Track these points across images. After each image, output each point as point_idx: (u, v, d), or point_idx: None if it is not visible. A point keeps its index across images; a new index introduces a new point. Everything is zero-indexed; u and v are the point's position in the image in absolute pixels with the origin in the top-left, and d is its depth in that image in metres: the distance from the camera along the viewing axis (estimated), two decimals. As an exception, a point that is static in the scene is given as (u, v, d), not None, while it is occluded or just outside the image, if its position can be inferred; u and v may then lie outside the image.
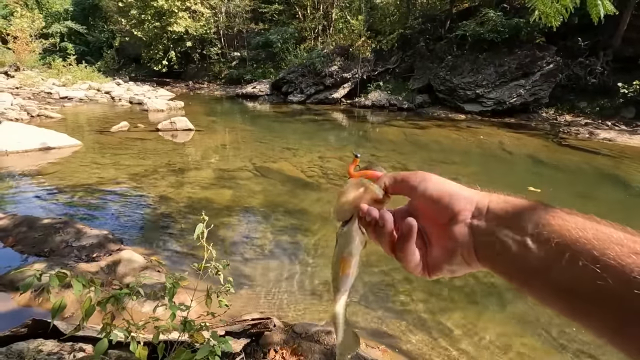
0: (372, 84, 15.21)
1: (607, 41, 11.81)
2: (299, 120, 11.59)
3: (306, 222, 4.08)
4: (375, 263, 3.30)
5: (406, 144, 8.28)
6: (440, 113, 12.84)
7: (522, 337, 2.48)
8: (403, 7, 16.14)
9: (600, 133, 9.37)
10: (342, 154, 7.00)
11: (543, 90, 11.89)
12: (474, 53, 12.97)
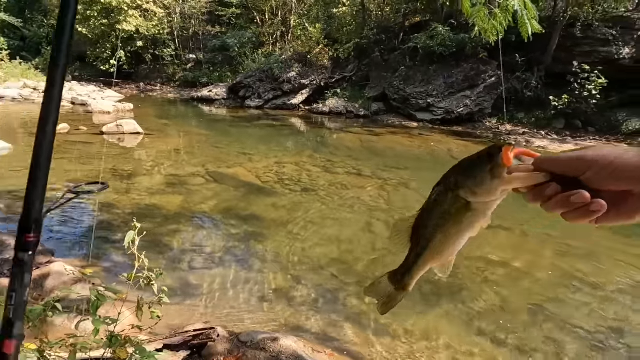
0: (330, 91, 15.44)
1: (540, 58, 12.99)
2: (257, 126, 11.45)
3: (259, 228, 4.02)
4: (325, 266, 3.32)
5: (362, 151, 8.48)
6: (395, 121, 13.33)
7: (468, 337, 2.62)
8: (359, 17, 16.63)
9: (535, 141, 10.26)
10: (299, 159, 7.02)
11: (486, 102, 12.79)
12: (425, 64, 13.66)
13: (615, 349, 2.54)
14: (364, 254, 3.67)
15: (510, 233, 4.29)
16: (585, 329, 2.70)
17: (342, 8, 16.17)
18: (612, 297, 3.17)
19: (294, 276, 3.15)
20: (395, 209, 4.82)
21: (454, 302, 3.02)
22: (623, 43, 11.71)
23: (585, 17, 12.23)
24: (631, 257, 3.85)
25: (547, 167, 0.45)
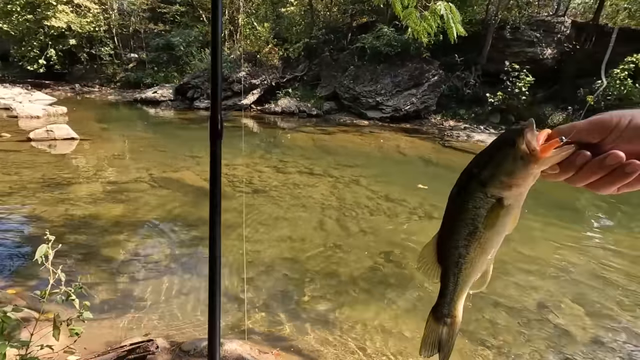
0: (282, 91, 15.38)
1: (476, 58, 13.95)
2: (206, 127, 11.06)
3: (206, 232, 3.90)
4: (276, 266, 3.32)
5: (314, 150, 8.55)
6: (346, 119, 13.59)
7: (416, 325, 2.74)
8: (308, 17, 16.73)
9: (475, 136, 11.02)
10: (250, 160, 6.92)
11: (431, 99, 13.49)
12: (373, 64, 14.08)
13: (540, 325, 2.81)
14: (317, 252, 3.71)
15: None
16: (514, 308, 2.95)
17: (290, 7, 16.16)
18: (545, 277, 3.50)
19: (243, 279, 3.11)
20: (346, 206, 4.93)
21: (402, 292, 3.15)
22: (545, 44, 12.94)
23: (513, 20, 13.33)
24: (563, 239, 4.29)
25: (572, 136, 0.43)
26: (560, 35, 13.17)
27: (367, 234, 4.15)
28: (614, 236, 4.66)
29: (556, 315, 2.88)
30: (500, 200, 0.45)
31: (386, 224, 4.42)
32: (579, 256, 3.91)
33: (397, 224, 4.44)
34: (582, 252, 4.02)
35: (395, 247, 3.84)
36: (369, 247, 3.85)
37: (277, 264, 3.40)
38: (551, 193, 6.07)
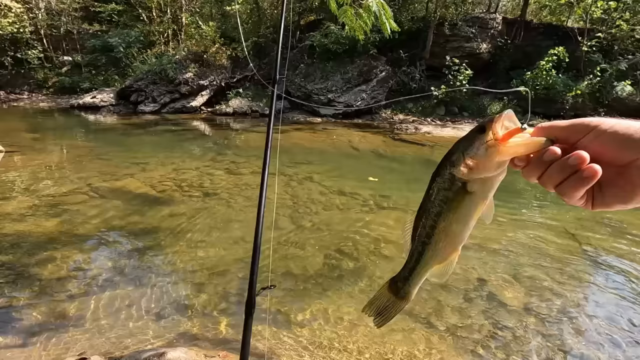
0: (232, 91, 15.05)
1: (420, 54, 14.60)
2: (152, 132, 10.57)
3: (155, 240, 3.74)
4: (228, 269, 3.26)
5: (267, 149, 8.47)
6: (300, 117, 13.62)
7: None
8: (254, 16, 16.49)
9: (422, 128, 11.54)
10: (200, 163, 6.71)
11: (380, 94, 13.90)
12: (323, 62, 14.23)
13: (482, 300, 3.03)
14: (270, 252, 3.69)
15: (404, 212, 4.76)
16: (459, 287, 3.15)
17: (235, 6, 15.82)
18: (487, 255, 3.76)
19: (194, 284, 3.02)
20: (300, 203, 4.95)
21: (356, 283, 3.23)
22: (481, 39, 13.84)
23: (451, 17, 14.10)
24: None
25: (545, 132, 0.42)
26: (493, 30, 14.15)
27: (320, 229, 4.20)
28: (548, 213, 5.12)
29: (495, 288, 3.12)
30: (464, 185, 0.46)
31: (339, 218, 4.51)
32: (517, 233, 4.25)
33: (349, 217, 4.54)
34: (519, 229, 4.37)
35: (348, 240, 3.93)
36: (322, 240, 3.91)
37: (229, 266, 3.34)
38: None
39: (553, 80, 12.28)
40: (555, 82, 12.28)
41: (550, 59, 12.24)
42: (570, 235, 4.20)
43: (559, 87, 12.27)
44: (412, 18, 14.59)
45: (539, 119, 12.41)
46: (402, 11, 14.64)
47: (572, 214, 4.85)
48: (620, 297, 3.06)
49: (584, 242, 4.03)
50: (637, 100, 11.70)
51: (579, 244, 3.98)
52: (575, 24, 14.48)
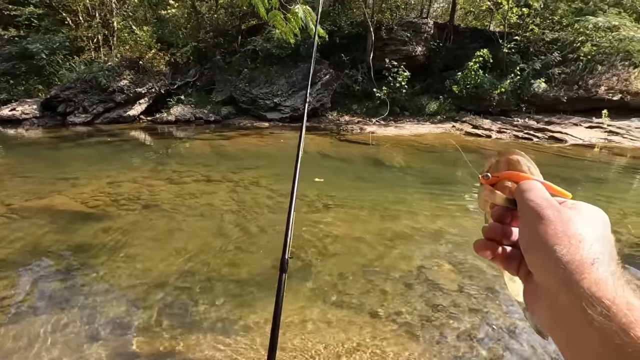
0: (173, 99, 14.43)
1: (361, 57, 15.11)
2: (85, 145, 9.81)
3: (87, 259, 3.48)
4: (171, 281, 3.13)
5: (212, 156, 8.26)
6: (247, 122, 13.43)
7: (317, 310, 2.87)
8: (193, 20, 15.99)
9: (367, 128, 11.95)
10: (139, 175, 6.35)
11: (325, 97, 14.16)
12: (267, 66, 14.17)
13: (420, 285, 3.22)
14: (215, 259, 3.61)
15: (349, 209, 4.90)
16: (401, 275, 3.32)
17: (171, 10, 15.22)
18: (425, 244, 3.99)
19: (132, 300, 2.86)
20: (247, 208, 4.89)
21: (303, 282, 3.27)
22: (416, 43, 14.67)
23: (388, 22, 14.79)
24: (440, 213, 4.93)
25: (519, 192, 0.41)
26: (426, 34, 15.08)
27: (267, 233, 4.19)
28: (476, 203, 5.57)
29: (432, 274, 3.33)
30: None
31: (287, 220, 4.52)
32: (452, 221, 4.57)
33: (296, 218, 4.57)
34: (454, 218, 4.70)
35: (296, 240, 3.96)
36: (270, 244, 3.90)
37: (171, 278, 3.21)
38: (431, 172, 6.95)
39: (481, 80, 13.37)
40: (483, 81, 13.38)
41: (476, 60, 13.32)
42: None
43: (486, 86, 13.39)
44: (352, 23, 15.07)
45: (471, 115, 13.46)
46: (342, 16, 15.07)
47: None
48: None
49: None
50: (550, 96, 13.13)
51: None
52: (497, 28, 15.91)
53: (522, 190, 0.40)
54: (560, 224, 0.34)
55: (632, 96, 12.57)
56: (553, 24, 14.20)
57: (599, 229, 0.35)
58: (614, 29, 12.42)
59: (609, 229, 0.36)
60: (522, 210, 0.39)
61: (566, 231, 0.34)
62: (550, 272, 0.33)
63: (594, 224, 0.35)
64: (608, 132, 10.88)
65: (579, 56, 13.24)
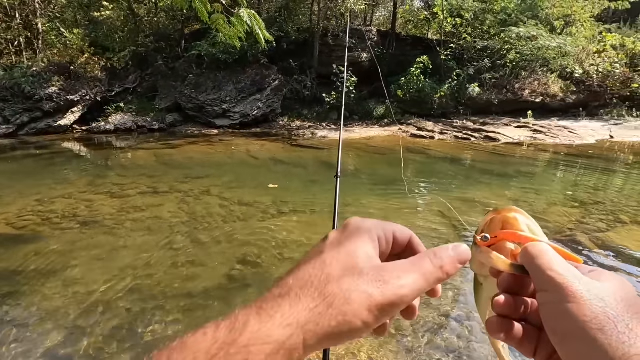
0: (112, 106, 13.48)
1: (309, 63, 15.31)
2: (8, 159, 8.79)
3: (17, 286, 3.12)
4: (117, 302, 2.91)
5: (158, 166, 7.83)
6: (194, 130, 12.94)
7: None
8: (131, 23, 15.10)
9: (318, 133, 12.11)
10: (74, 190, 5.83)
11: (275, 103, 14.12)
12: (213, 72, 13.80)
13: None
14: (166, 275, 3.42)
15: (303, 214, 4.90)
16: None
17: (105, 12, 14.25)
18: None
19: (73, 328, 2.61)
20: (198, 219, 4.70)
21: (261, 290, 3.20)
22: (361, 49, 15.19)
23: (333, 29, 15.16)
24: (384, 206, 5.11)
25: (526, 258, 0.35)
26: (371, 41, 15.68)
27: (221, 243, 4.06)
28: (425, 199, 5.87)
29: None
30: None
31: (241, 228, 4.43)
32: (401, 218, 4.77)
33: (251, 226, 4.50)
34: (403, 214, 4.92)
35: (251, 248, 3.89)
36: (224, 254, 3.79)
37: (117, 299, 2.98)
38: (380, 173, 7.20)
39: (422, 85, 14.20)
40: (424, 86, 14.22)
41: (418, 66, 14.14)
42: (443, 215, 4.91)
43: (428, 90, 14.24)
44: (298, 29, 15.22)
45: (415, 118, 14.21)
46: (288, 22, 15.16)
47: (444, 199, 5.67)
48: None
49: (454, 218, 4.75)
50: (484, 99, 14.31)
51: (450, 221, 4.67)
52: (434, 36, 17.02)
53: (533, 255, 0.34)
54: (597, 304, 0.29)
55: (551, 98, 14.13)
56: (483, 33, 15.50)
57: (637, 305, 0.30)
58: (533, 38, 13.88)
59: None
60: (540, 283, 0.33)
61: (607, 313, 0.28)
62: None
63: (631, 300, 0.30)
64: (533, 131, 12.09)
65: (506, 63, 14.60)
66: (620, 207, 5.21)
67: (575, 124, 12.94)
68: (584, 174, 7.58)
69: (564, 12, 15.29)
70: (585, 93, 14.27)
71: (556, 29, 15.46)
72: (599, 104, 14.51)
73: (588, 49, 14.79)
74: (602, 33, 15.77)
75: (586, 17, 15.28)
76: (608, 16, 18.06)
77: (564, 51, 13.84)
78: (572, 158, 9.16)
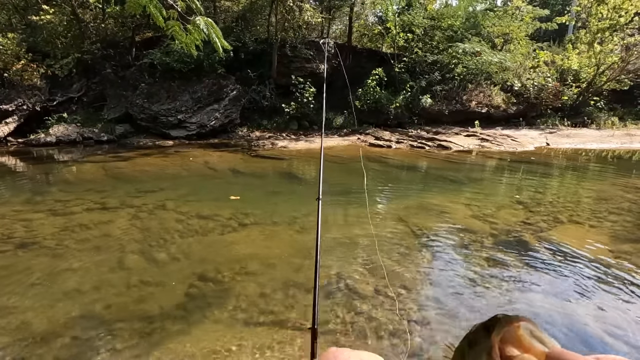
0: (53, 117, 12.49)
1: (268, 73, 15.28)
2: None
3: None
4: (62, 331, 2.65)
5: (107, 180, 7.34)
6: (147, 141, 12.33)
7: (235, 333, 2.71)
8: (75, 29, 14.18)
9: (278, 143, 12.05)
10: (9, 209, 5.28)
11: (234, 113, 13.88)
12: (167, 81, 13.30)
13: (341, 293, 3.31)
14: (118, 297, 3.18)
15: (265, 226, 4.82)
16: (323, 286, 3.37)
17: (45, 16, 13.27)
18: (338, 255, 4.13)
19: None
20: (152, 235, 4.45)
21: (222, 306, 3.08)
22: (319, 61, 15.45)
23: (291, 40, 15.30)
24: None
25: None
26: (328, 53, 16.00)
27: (178, 259, 3.86)
28: (387, 206, 6.03)
29: (350, 280, 3.47)
30: None
31: (199, 243, 4.25)
32: (361, 228, 4.85)
33: (210, 240, 4.33)
34: (362, 224, 5.00)
35: (210, 264, 3.73)
36: (182, 271, 3.60)
37: (61, 327, 2.71)
38: (340, 181, 7.29)
39: (379, 96, 14.71)
40: (381, 97, 14.74)
41: (373, 78, 14.64)
42: (402, 221, 5.06)
43: (384, 101, 14.77)
44: (256, 39, 15.17)
45: (373, 127, 14.63)
46: (246, 32, 15.06)
47: (403, 205, 5.86)
48: (446, 261, 3.85)
49: (412, 224, 4.91)
50: (435, 109, 15.11)
51: (409, 227, 4.82)
52: (388, 49, 17.76)
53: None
54: None
55: (495, 109, 15.25)
56: (432, 48, 16.45)
57: None
58: (477, 54, 14.97)
59: None
60: None
61: None
62: None
63: None
64: (481, 139, 12.95)
65: (454, 76, 15.58)
66: (559, 207, 5.70)
67: (517, 132, 14.06)
68: (526, 177, 8.22)
69: (503, 30, 16.68)
70: (524, 104, 15.60)
71: (497, 45, 16.81)
72: (536, 114, 15.92)
73: (524, 65, 16.22)
74: (536, 50, 17.40)
75: (522, 36, 16.79)
76: (540, 35, 19.97)
77: (504, 66, 15.07)
78: (515, 164, 9.91)
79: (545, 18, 17.79)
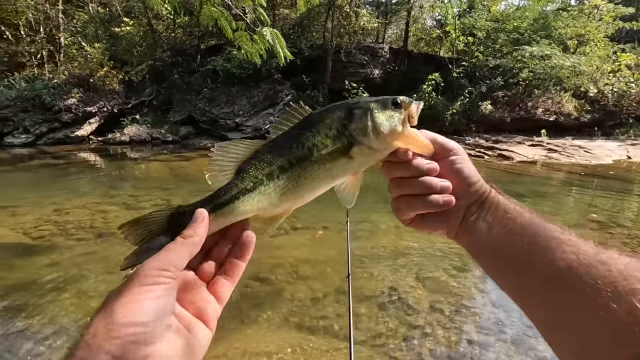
0: (128, 118, 13.77)
1: (322, 78, 15.50)
2: (24, 168, 8.98)
3: (30, 298, 3.12)
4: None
5: (171, 179, 7.90)
6: (207, 143, 13.09)
7: (288, 336, 2.76)
8: (149, 38, 15.56)
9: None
10: (89, 200, 5.90)
11: (288, 117, 14.25)
12: (227, 86, 14.05)
13: (393, 305, 3.23)
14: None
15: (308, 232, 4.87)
16: (375, 295, 3.31)
17: (125, 27, 14.73)
18: (392, 263, 4.04)
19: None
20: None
21: (275, 307, 3.15)
22: (373, 66, 15.35)
23: (346, 46, 15.38)
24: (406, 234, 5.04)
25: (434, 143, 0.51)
26: (383, 58, 15.85)
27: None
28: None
29: (403, 293, 3.36)
30: (349, 148, 0.43)
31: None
32: (414, 239, 4.69)
33: (261, 241, 4.46)
34: (415, 235, 4.83)
35: (264, 266, 3.84)
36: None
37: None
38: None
39: (434, 101, 14.21)
40: (436, 103, 14.23)
41: (429, 83, 14.18)
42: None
43: (440, 107, 14.24)
44: (312, 45, 15.48)
45: (427, 135, 14.14)
46: (302, 39, 15.43)
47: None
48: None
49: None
50: (496, 117, 14.24)
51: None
52: (446, 54, 17.12)
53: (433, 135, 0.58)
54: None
55: (565, 117, 13.99)
56: (495, 51, 15.56)
57: None
58: (546, 57, 13.86)
59: None
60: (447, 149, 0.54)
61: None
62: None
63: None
64: (548, 150, 11.94)
65: (519, 81, 14.57)
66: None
67: (591, 143, 12.74)
68: (602, 195, 7.40)
69: (577, 31, 15.29)
70: (600, 112, 14.12)
71: (569, 48, 15.44)
72: (614, 123, 14.32)
73: (602, 68, 14.70)
74: (617, 53, 15.69)
75: (600, 37, 15.25)
76: (621, 36, 18.01)
77: (578, 70, 13.77)
78: (588, 178, 8.98)
79: (629, 17, 15.97)
